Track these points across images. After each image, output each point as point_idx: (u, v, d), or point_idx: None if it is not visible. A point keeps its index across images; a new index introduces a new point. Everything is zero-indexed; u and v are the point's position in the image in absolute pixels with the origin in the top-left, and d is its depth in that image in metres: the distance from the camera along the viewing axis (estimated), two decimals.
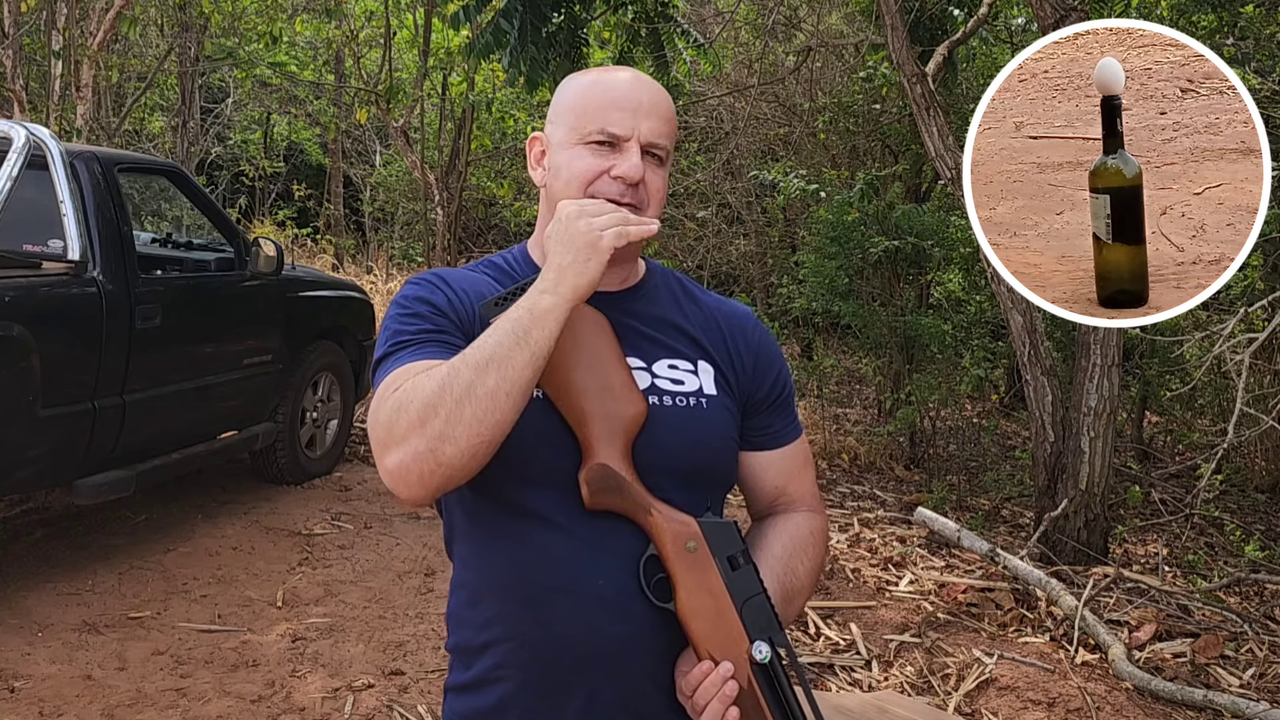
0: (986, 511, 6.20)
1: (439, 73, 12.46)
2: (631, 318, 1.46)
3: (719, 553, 1.32)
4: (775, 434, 1.53)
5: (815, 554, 1.50)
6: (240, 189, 17.06)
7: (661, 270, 1.57)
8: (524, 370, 1.22)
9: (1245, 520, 6.08)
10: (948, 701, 3.74)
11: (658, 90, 1.44)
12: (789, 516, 1.53)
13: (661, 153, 1.42)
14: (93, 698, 3.42)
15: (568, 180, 1.40)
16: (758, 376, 1.51)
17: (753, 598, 1.32)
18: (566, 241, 1.29)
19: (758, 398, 1.51)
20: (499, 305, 1.31)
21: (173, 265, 5.28)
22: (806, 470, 1.58)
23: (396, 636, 4.06)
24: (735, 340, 1.51)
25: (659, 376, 1.42)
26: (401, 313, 1.39)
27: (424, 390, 1.21)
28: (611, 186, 1.38)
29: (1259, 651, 4.17)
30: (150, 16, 12.73)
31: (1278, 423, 4.44)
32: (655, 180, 1.41)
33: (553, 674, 1.35)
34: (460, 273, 1.48)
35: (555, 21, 7.13)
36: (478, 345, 1.24)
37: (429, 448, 1.19)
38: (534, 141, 1.49)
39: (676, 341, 1.47)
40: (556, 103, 1.47)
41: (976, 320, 7.71)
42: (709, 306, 1.54)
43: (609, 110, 1.39)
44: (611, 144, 1.39)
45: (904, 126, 8.76)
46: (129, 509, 5.14)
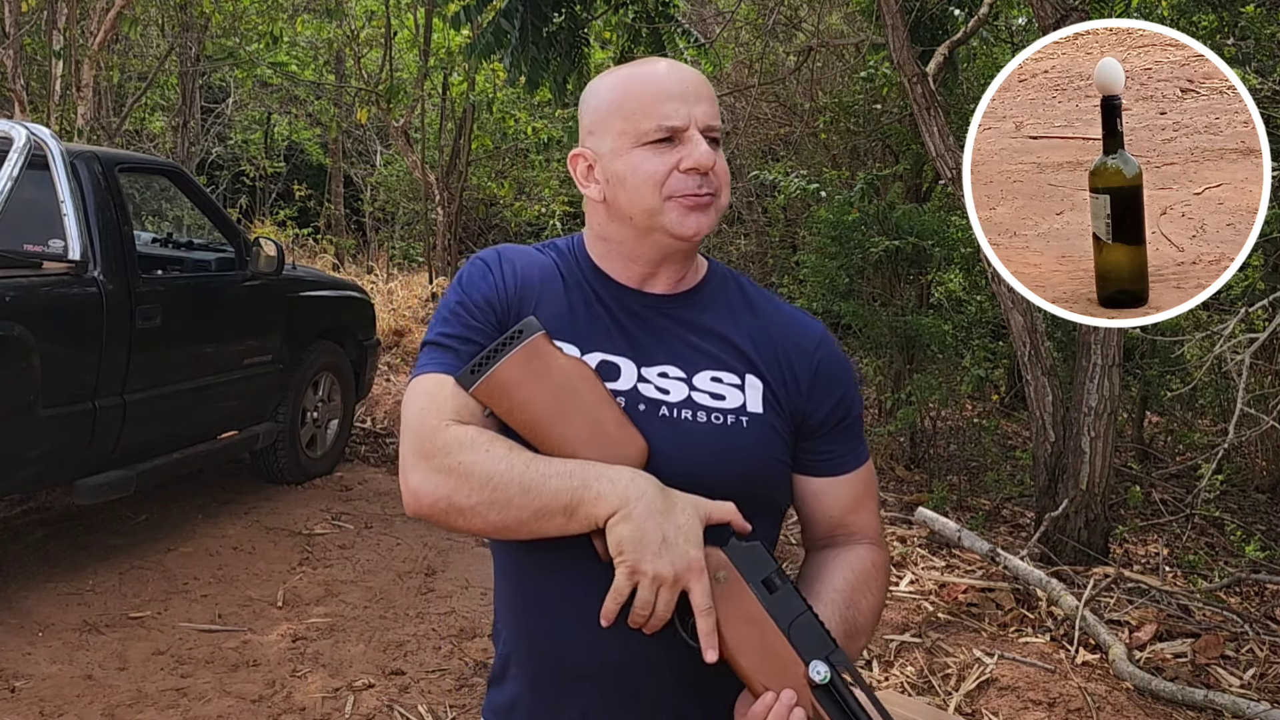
0: (987, 511, 6.19)
1: (439, 73, 12.45)
2: (680, 325, 1.40)
3: (751, 577, 1.24)
4: (834, 460, 1.44)
5: (878, 589, 1.42)
6: (241, 189, 17.06)
7: (723, 274, 1.49)
8: (549, 526, 1.25)
9: (1246, 520, 6.08)
10: (948, 701, 3.74)
11: (696, 73, 1.38)
12: (850, 549, 1.45)
13: (718, 134, 1.36)
14: (93, 697, 3.43)
15: (637, 186, 1.34)
16: (815, 397, 1.41)
17: (799, 617, 1.24)
18: (658, 518, 1.21)
19: (815, 420, 1.42)
20: (475, 373, 1.29)
21: (173, 265, 5.28)
22: (868, 501, 1.48)
23: (397, 636, 4.06)
24: (790, 356, 1.42)
25: (698, 389, 1.36)
26: (454, 304, 1.39)
27: (477, 467, 1.25)
28: (687, 181, 1.32)
29: (1259, 652, 4.16)
30: (151, 16, 12.73)
31: (1278, 423, 4.43)
32: (721, 163, 1.35)
33: (552, 682, 1.37)
34: (522, 251, 1.45)
35: (556, 21, 7.14)
36: (541, 471, 1.24)
37: (447, 506, 1.27)
38: (576, 159, 1.41)
39: (724, 353, 1.39)
40: (592, 111, 1.40)
41: (977, 320, 7.71)
42: (769, 317, 1.45)
43: (660, 103, 1.33)
44: (670, 139, 1.33)
45: (904, 126, 8.75)
46: (129, 509, 5.14)
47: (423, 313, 11.24)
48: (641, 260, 1.41)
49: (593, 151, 1.39)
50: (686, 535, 1.21)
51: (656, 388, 1.36)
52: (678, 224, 1.34)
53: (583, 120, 1.42)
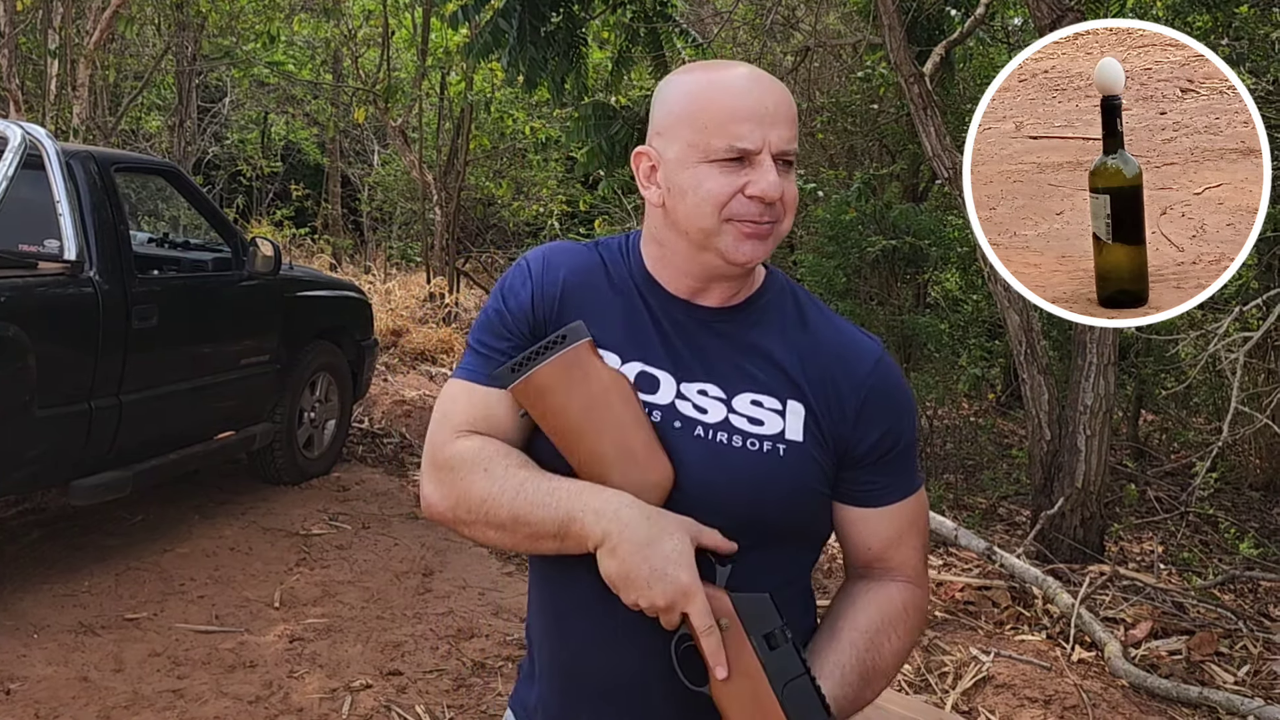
0: (983, 510, 6.21)
1: (437, 72, 12.46)
2: (726, 342, 1.35)
3: (753, 630, 1.22)
4: (876, 491, 1.37)
5: (907, 632, 1.36)
6: (238, 189, 17.06)
7: (780, 286, 1.42)
8: (545, 547, 1.28)
9: (1240, 518, 6.09)
10: (945, 699, 3.75)
11: (780, 90, 1.30)
12: (884, 586, 1.38)
13: (792, 158, 1.29)
14: (89, 699, 3.43)
15: (698, 203, 1.28)
16: (861, 425, 1.34)
17: (794, 679, 1.20)
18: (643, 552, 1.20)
19: (859, 450, 1.35)
20: (515, 372, 1.30)
21: (170, 265, 5.27)
22: (911, 537, 1.40)
23: (394, 637, 4.06)
24: (840, 383, 1.34)
25: (736, 413, 1.31)
26: (493, 310, 1.39)
27: (475, 487, 1.29)
28: (749, 207, 1.26)
29: (1253, 648, 4.17)
30: (147, 16, 12.72)
31: (1272, 421, 4.45)
32: (789, 189, 1.29)
33: (570, 690, 1.38)
34: (570, 252, 1.41)
35: (554, 21, 7.13)
36: (530, 497, 1.26)
37: (453, 519, 1.33)
38: (640, 157, 1.35)
39: (769, 375, 1.33)
40: (664, 112, 1.33)
41: (973, 319, 7.73)
42: (822, 337, 1.38)
43: (734, 123, 1.25)
44: (739, 159, 1.26)
45: (901, 126, 8.76)
46: (126, 510, 5.14)
47: (420, 313, 11.25)
48: (693, 274, 1.35)
49: (658, 153, 1.33)
50: (675, 562, 1.20)
51: (695, 405, 1.32)
52: (732, 249, 1.29)
53: (654, 116, 1.35)
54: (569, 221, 15.55)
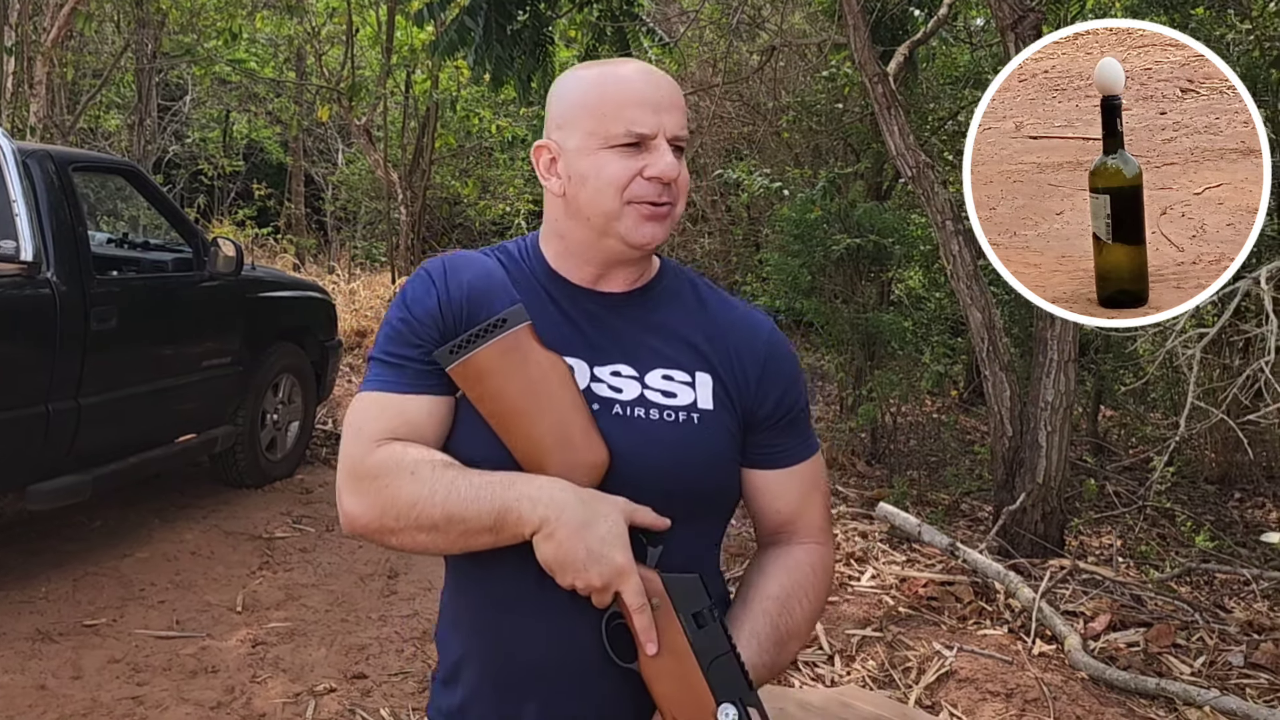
0: (947, 506, 6.25)
1: (402, 70, 12.41)
2: (633, 323, 1.42)
3: (683, 609, 1.27)
4: (780, 453, 1.46)
5: (816, 593, 1.45)
6: (199, 188, 16.90)
7: (675, 271, 1.52)
8: (479, 543, 1.29)
9: (1196, 511, 6.17)
10: (909, 694, 3.78)
11: (670, 81, 1.39)
12: (790, 550, 1.47)
13: (683, 144, 1.37)
14: (46, 707, 3.39)
15: (599, 188, 1.35)
16: (762, 392, 1.44)
17: (720, 657, 1.26)
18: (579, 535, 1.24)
19: (761, 415, 1.44)
20: (454, 354, 1.32)
21: (129, 266, 5.23)
22: (815, 495, 1.49)
23: (359, 640, 4.04)
24: (741, 352, 1.44)
25: (650, 388, 1.38)
26: (397, 320, 1.41)
27: (403, 492, 1.29)
28: (648, 188, 1.34)
29: (1209, 640, 4.24)
30: (106, 12, 12.56)
31: (1227, 416, 4.50)
32: (683, 173, 1.37)
33: (508, 682, 1.38)
34: (469, 260, 1.44)
35: (520, 19, 7.11)
36: (463, 494, 1.27)
37: (379, 528, 1.32)
38: (540, 150, 1.41)
39: (675, 350, 1.41)
40: (562, 106, 1.40)
41: (936, 317, 7.78)
42: (718, 314, 1.47)
43: (631, 109, 1.33)
44: (637, 144, 1.34)
45: (866, 125, 8.79)
46: (84, 514, 5.09)
47: (385, 313, 11.17)
48: (595, 261, 1.42)
49: (558, 145, 1.39)
50: (610, 543, 1.24)
51: (610, 386, 1.37)
52: (632, 232, 1.35)
53: (551, 112, 1.42)
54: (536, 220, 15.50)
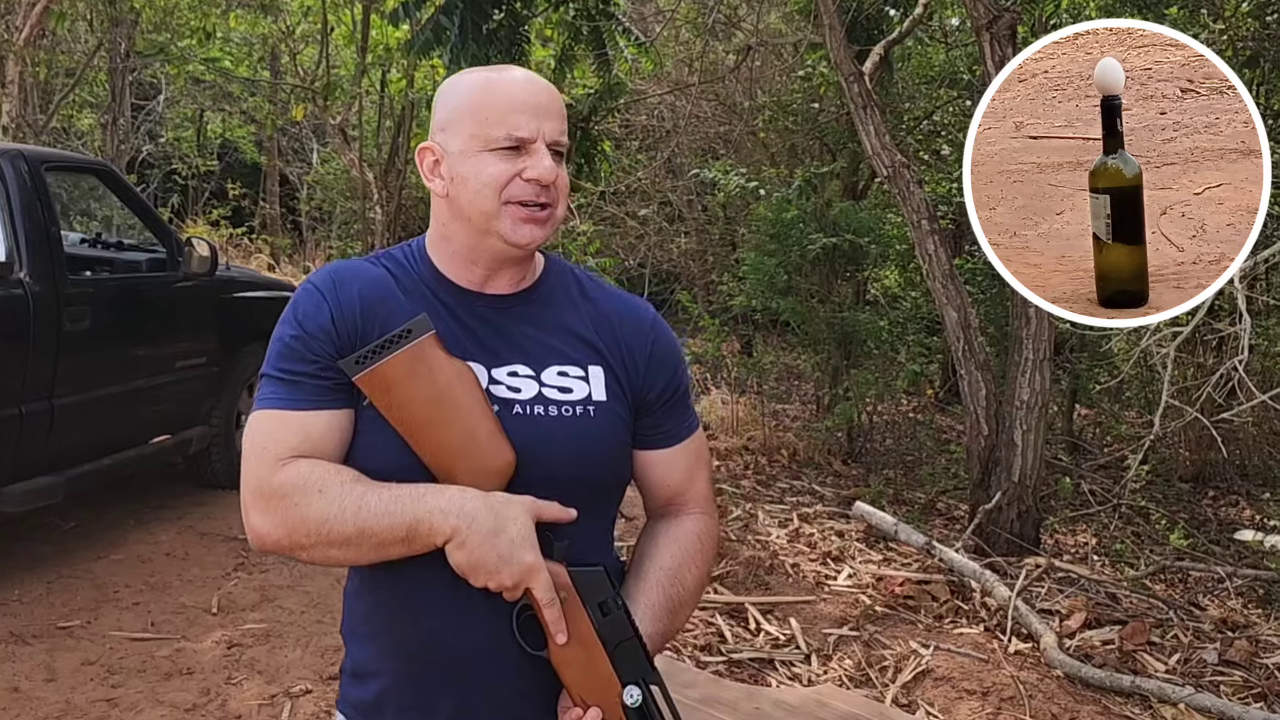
0: (923, 505, 6.28)
1: (378, 69, 12.34)
2: (525, 322, 1.46)
3: (589, 599, 1.34)
4: (667, 433, 1.53)
5: (704, 560, 1.53)
6: (173, 188, 16.79)
7: (558, 268, 1.56)
8: (391, 554, 1.32)
9: (1170, 509, 6.22)
10: (885, 693, 3.79)
11: (551, 89, 1.44)
12: (679, 522, 1.54)
13: (563, 149, 1.42)
14: (20, 710, 3.36)
15: (478, 188, 1.38)
16: (650, 376, 1.50)
17: (624, 642, 1.34)
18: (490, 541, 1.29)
19: (650, 397, 1.50)
20: (360, 364, 1.34)
21: (103, 266, 5.18)
22: (699, 469, 1.57)
23: (334, 641, 4.02)
24: (629, 340, 1.50)
25: (547, 385, 1.42)
26: (289, 337, 1.41)
27: (312, 510, 1.31)
28: (525, 189, 1.38)
29: (1184, 637, 4.27)
30: (79, 11, 12.47)
31: (1201, 414, 4.54)
32: (563, 177, 1.41)
33: (424, 675, 1.42)
34: (356, 270, 1.46)
35: (496, 19, 7.10)
36: (374, 508, 1.30)
37: (290, 545, 1.34)
38: (425, 152, 1.45)
39: (568, 346, 1.46)
40: (445, 109, 1.44)
41: (912, 316, 7.83)
42: (604, 305, 1.53)
43: (511, 114, 1.38)
44: (517, 148, 1.38)
45: (841, 125, 8.84)
46: (57, 516, 5.04)
47: None
48: (480, 262, 1.45)
49: (441, 148, 1.43)
50: (519, 544, 1.30)
51: (508, 387, 1.41)
52: (511, 232, 1.39)
53: (435, 115, 1.46)
54: None
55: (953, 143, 9.34)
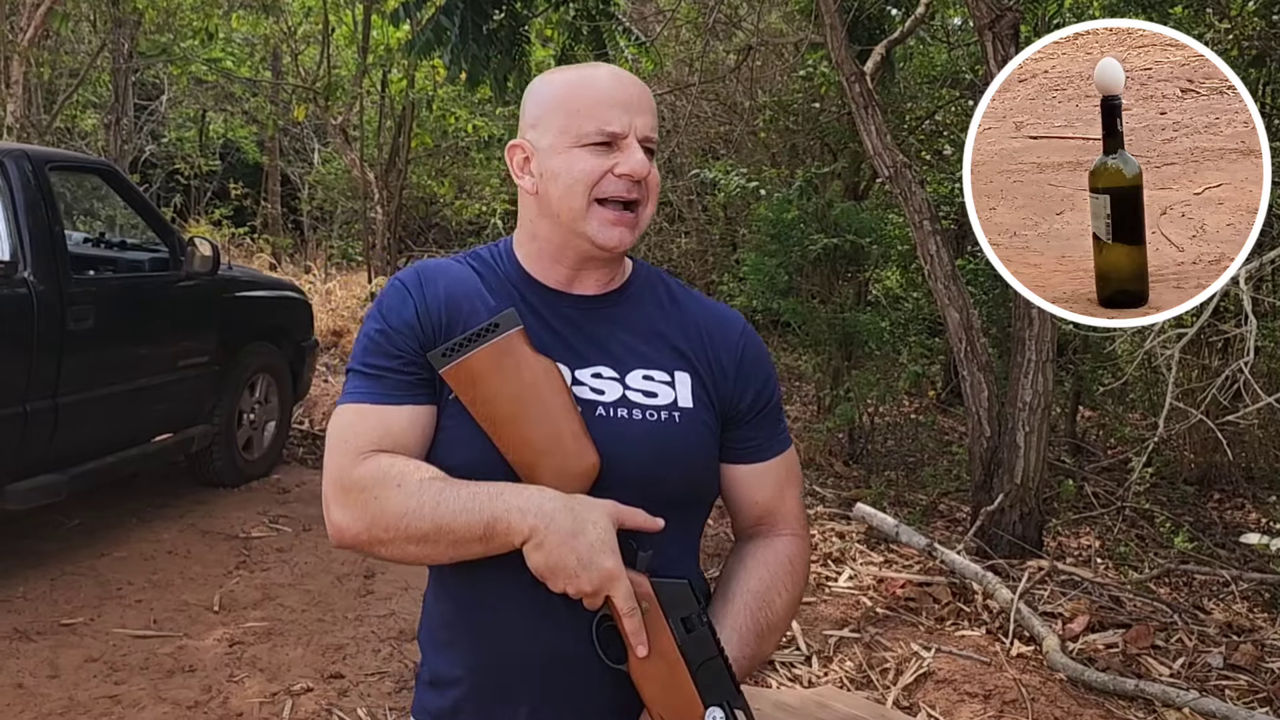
0: (924, 506, 6.27)
1: (378, 69, 12.34)
2: (611, 324, 1.44)
3: (672, 614, 1.29)
4: (757, 447, 1.48)
5: (794, 584, 1.47)
6: (175, 188, 16.76)
7: (647, 271, 1.54)
8: (469, 553, 1.30)
9: (1175, 512, 6.21)
10: (886, 695, 3.78)
11: (641, 85, 1.42)
12: (769, 543, 1.49)
13: (654, 146, 1.40)
14: (24, 706, 3.36)
15: (570, 184, 1.36)
16: (740, 386, 1.46)
17: (707, 661, 1.28)
18: (569, 543, 1.25)
19: (740, 408, 1.46)
20: (446, 356, 1.32)
21: (106, 265, 5.18)
22: (791, 488, 1.52)
23: (336, 639, 4.02)
24: (717, 348, 1.46)
25: (631, 388, 1.39)
26: (375, 332, 1.40)
27: (391, 503, 1.29)
28: (617, 184, 1.36)
29: (1188, 641, 4.26)
30: (82, 12, 12.46)
31: (1206, 416, 4.53)
32: (654, 174, 1.39)
33: (501, 684, 1.39)
34: (442, 268, 1.45)
35: (497, 19, 7.10)
36: (452, 505, 1.27)
37: (369, 539, 1.32)
38: (514, 149, 1.44)
39: (655, 350, 1.43)
40: (535, 106, 1.42)
41: (914, 317, 7.82)
42: (693, 311, 1.50)
43: (602, 108, 1.35)
44: (608, 143, 1.36)
45: (843, 125, 8.83)
46: (61, 514, 5.04)
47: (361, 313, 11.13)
48: (567, 261, 1.43)
49: (531, 144, 1.41)
50: (599, 549, 1.25)
51: (591, 389, 1.38)
52: (599, 234, 1.37)
53: (525, 112, 1.44)
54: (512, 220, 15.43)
55: (955, 143, 9.33)
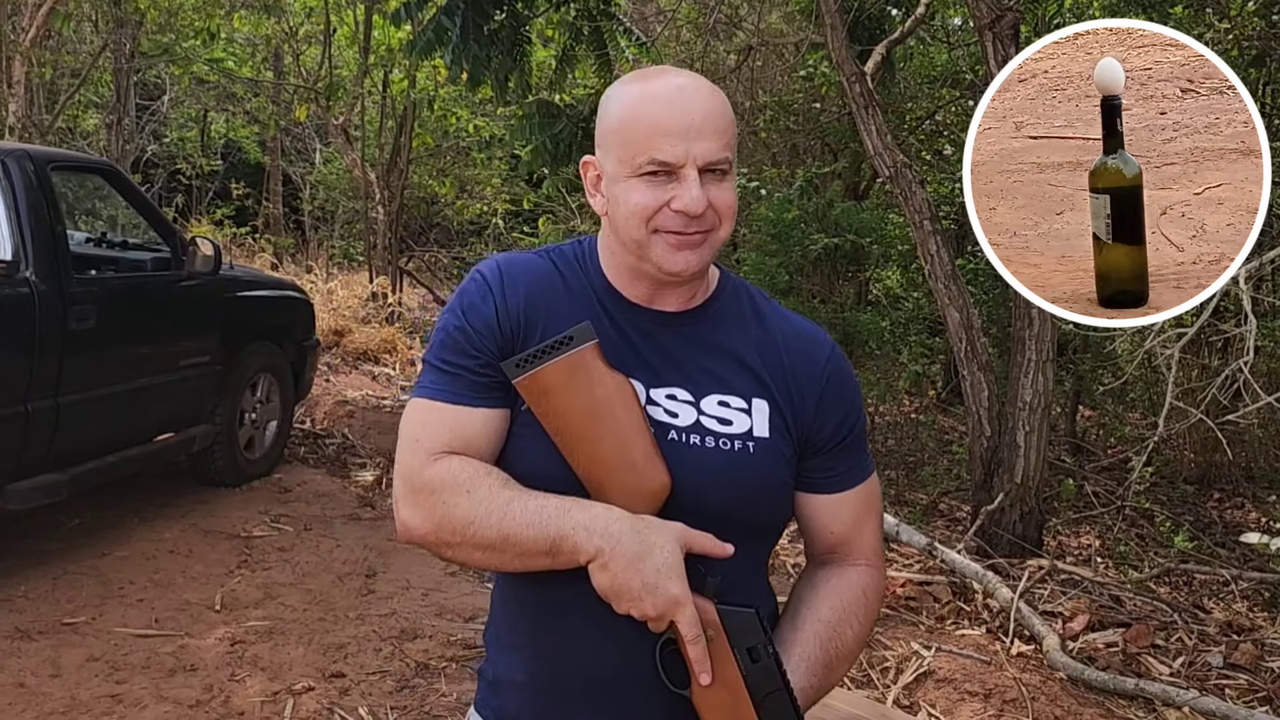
0: (925, 506, 6.28)
1: (380, 70, 12.36)
2: (690, 344, 1.39)
3: (738, 644, 1.26)
4: (838, 477, 1.43)
5: (866, 616, 1.42)
6: (177, 187, 16.78)
7: (734, 285, 1.47)
8: (534, 565, 1.28)
9: (1175, 511, 6.22)
10: (887, 695, 3.79)
11: (711, 101, 1.31)
12: (843, 573, 1.44)
13: (725, 166, 1.31)
14: (26, 705, 3.37)
15: (628, 216, 1.31)
16: (821, 415, 1.41)
17: (772, 694, 1.25)
18: (635, 566, 1.23)
19: (820, 438, 1.41)
20: (520, 367, 1.30)
21: (108, 265, 5.19)
22: (869, 518, 1.47)
23: (337, 639, 4.03)
24: (798, 374, 1.40)
25: (705, 414, 1.35)
26: (454, 328, 1.37)
27: (459, 509, 1.28)
28: (674, 220, 1.29)
29: (1188, 640, 4.26)
30: (84, 12, 12.46)
31: (1206, 416, 4.54)
32: (723, 197, 1.31)
33: (560, 693, 1.38)
34: (525, 265, 1.41)
35: (498, 19, 7.11)
36: (518, 518, 1.26)
37: (436, 541, 1.32)
38: (587, 166, 1.40)
39: (732, 375, 1.38)
40: (603, 123, 1.36)
41: (914, 316, 7.83)
42: (778, 331, 1.43)
43: (657, 138, 1.28)
44: (667, 172, 1.29)
45: (843, 125, 8.84)
46: (63, 513, 5.05)
47: (362, 312, 11.15)
48: (642, 281, 1.39)
49: (599, 164, 1.38)
50: (665, 574, 1.23)
51: (666, 410, 1.35)
52: (665, 260, 1.32)
53: (598, 128, 1.39)
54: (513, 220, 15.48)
55: (955, 143, 9.33)
